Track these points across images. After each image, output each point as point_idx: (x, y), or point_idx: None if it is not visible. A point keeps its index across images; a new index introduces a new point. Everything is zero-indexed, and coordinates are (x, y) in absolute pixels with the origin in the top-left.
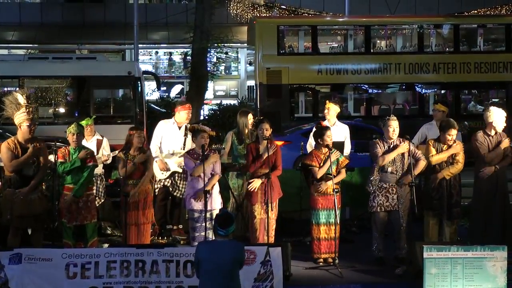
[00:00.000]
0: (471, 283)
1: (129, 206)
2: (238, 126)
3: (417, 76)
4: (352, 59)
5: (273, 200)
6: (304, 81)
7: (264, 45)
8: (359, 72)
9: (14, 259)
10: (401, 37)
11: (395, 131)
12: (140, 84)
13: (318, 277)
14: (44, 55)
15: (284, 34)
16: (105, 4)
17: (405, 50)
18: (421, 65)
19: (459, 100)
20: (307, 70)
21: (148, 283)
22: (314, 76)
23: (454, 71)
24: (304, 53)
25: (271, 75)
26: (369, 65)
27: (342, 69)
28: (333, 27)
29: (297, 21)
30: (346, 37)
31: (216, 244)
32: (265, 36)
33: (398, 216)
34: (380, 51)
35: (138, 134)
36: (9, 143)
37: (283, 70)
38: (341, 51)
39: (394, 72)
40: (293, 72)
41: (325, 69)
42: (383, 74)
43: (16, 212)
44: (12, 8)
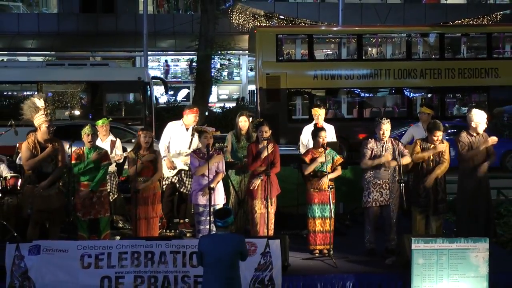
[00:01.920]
0: (455, 272)
1: (139, 201)
2: (235, 126)
3: (405, 81)
4: (345, 65)
5: (272, 196)
6: (301, 86)
7: (264, 53)
8: (352, 77)
9: (33, 250)
10: (390, 45)
11: (386, 133)
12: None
13: (314, 267)
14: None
15: (283, 42)
16: (117, 15)
17: (394, 57)
18: (409, 71)
19: (444, 103)
20: (304, 75)
21: (156, 273)
22: (310, 81)
23: (439, 77)
24: (301, 60)
25: (271, 80)
26: (361, 71)
27: (336, 74)
28: (327, 36)
29: (294, 30)
30: (340, 45)
31: (217, 237)
32: (265, 44)
33: (390, 210)
34: (371, 58)
35: (145, 134)
36: (29, 143)
37: (281, 75)
38: (335, 58)
39: (384, 77)
40: (291, 77)
41: (321, 75)
42: (374, 79)
43: (35, 207)
44: (31, 19)
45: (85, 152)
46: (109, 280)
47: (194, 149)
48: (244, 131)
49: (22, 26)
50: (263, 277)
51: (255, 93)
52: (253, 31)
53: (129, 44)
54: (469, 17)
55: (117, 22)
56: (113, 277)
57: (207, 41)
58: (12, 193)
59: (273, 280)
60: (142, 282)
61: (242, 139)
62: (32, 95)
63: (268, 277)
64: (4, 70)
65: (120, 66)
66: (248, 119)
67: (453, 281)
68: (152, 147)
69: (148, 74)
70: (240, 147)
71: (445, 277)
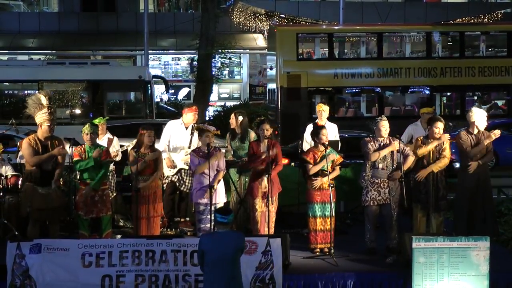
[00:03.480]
0: (456, 271)
1: (140, 200)
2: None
3: (426, 80)
4: (365, 63)
5: (273, 195)
6: (321, 85)
7: (284, 52)
8: (372, 76)
9: (34, 249)
10: (410, 43)
11: (386, 130)
12: (150, 87)
13: (315, 265)
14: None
15: (303, 41)
16: (118, 14)
17: (415, 56)
18: (429, 69)
19: (464, 101)
20: (324, 74)
21: (157, 271)
22: (330, 79)
23: (460, 75)
24: (321, 59)
25: (291, 79)
26: (381, 69)
27: (356, 73)
28: (348, 35)
29: (314, 29)
30: (359, 43)
31: (218, 235)
32: (285, 43)
33: (390, 209)
34: (391, 56)
35: (148, 134)
36: (30, 140)
37: (302, 74)
38: (355, 56)
39: (404, 76)
40: (311, 76)
41: (341, 73)
42: (394, 77)
43: (35, 205)
44: (32, 18)
45: (86, 150)
46: (110, 279)
47: (194, 148)
48: (238, 130)
49: (23, 25)
50: (264, 275)
51: (275, 92)
52: (273, 30)
53: (130, 43)
54: (470, 15)
55: (118, 21)
56: (114, 276)
57: (208, 39)
58: (12, 192)
59: (274, 278)
60: (143, 281)
61: (237, 138)
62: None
63: (269, 275)
64: (5, 68)
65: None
66: (237, 118)
67: (454, 279)
68: (153, 146)
69: (149, 72)
70: (235, 146)
71: (446, 276)
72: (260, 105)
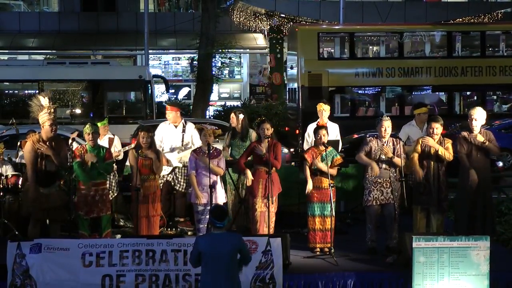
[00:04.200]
0: (456, 270)
1: (140, 200)
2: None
3: (446, 79)
4: (386, 63)
5: (273, 195)
6: (342, 84)
7: (306, 51)
8: (393, 75)
9: (34, 249)
10: (431, 43)
11: (387, 130)
12: (150, 87)
13: (315, 265)
14: (62, 61)
15: (324, 41)
16: (118, 13)
17: (435, 55)
18: (450, 69)
19: (485, 101)
20: (345, 73)
21: (158, 271)
22: (351, 79)
23: (480, 74)
24: (342, 58)
25: (312, 78)
26: (402, 68)
27: (377, 72)
28: (369, 34)
29: (335, 29)
30: (381, 42)
31: (215, 237)
32: (307, 42)
33: (392, 209)
34: (412, 55)
35: (143, 135)
36: (34, 142)
37: (323, 73)
38: (376, 55)
39: (425, 75)
40: (332, 75)
41: (362, 73)
42: (415, 77)
43: (36, 205)
44: (33, 17)
45: (88, 150)
46: (110, 278)
47: (195, 148)
48: (238, 129)
49: (23, 24)
50: (264, 275)
51: (296, 91)
52: (294, 29)
53: (130, 42)
54: (470, 15)
55: (118, 21)
56: (114, 275)
57: (208, 39)
58: (13, 192)
59: (274, 278)
60: (143, 281)
61: (238, 137)
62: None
63: (269, 275)
64: (5, 68)
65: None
66: (237, 116)
67: (454, 279)
68: (153, 146)
69: (149, 72)
70: (236, 146)
71: (446, 275)
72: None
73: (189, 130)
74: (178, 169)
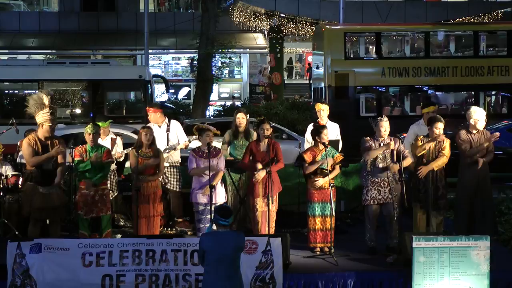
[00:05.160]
0: (456, 270)
1: (140, 200)
2: (233, 123)
3: (472, 78)
4: (412, 62)
5: (273, 194)
6: (369, 83)
7: (332, 51)
8: (419, 75)
9: (34, 249)
10: (457, 42)
11: (386, 131)
12: (150, 86)
13: (315, 265)
14: (62, 60)
15: (351, 40)
16: (118, 13)
17: (461, 54)
18: (476, 68)
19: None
20: (371, 73)
21: (158, 271)
22: (378, 78)
23: (507, 74)
24: (368, 58)
25: (339, 78)
26: (428, 68)
27: (404, 71)
28: (395, 33)
29: (362, 28)
30: (407, 42)
31: (219, 235)
32: (333, 42)
33: (391, 208)
34: (439, 55)
35: (145, 132)
36: (30, 140)
37: (350, 73)
38: (403, 55)
39: (452, 75)
40: (359, 75)
41: (388, 72)
42: (441, 76)
43: (36, 205)
44: (33, 17)
45: (88, 150)
46: (110, 278)
47: (194, 148)
48: (242, 128)
49: (23, 24)
50: (264, 275)
51: (322, 91)
52: (320, 29)
53: (130, 42)
54: (470, 15)
55: (118, 21)
56: (114, 275)
57: (208, 39)
58: (13, 192)
59: (274, 278)
60: (143, 281)
61: (240, 136)
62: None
63: (269, 275)
64: (5, 68)
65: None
66: (246, 116)
67: (454, 279)
68: (154, 145)
69: (149, 72)
70: (239, 145)
71: (446, 275)
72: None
73: (174, 128)
74: (167, 168)
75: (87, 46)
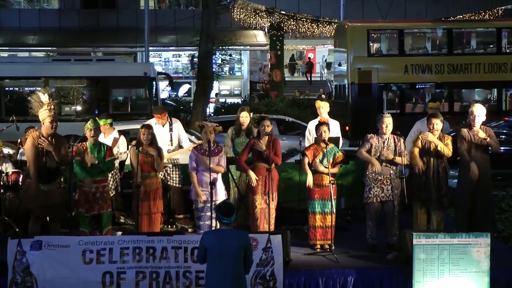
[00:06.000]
0: (456, 267)
1: (141, 197)
2: (236, 121)
3: (496, 75)
4: (435, 59)
5: (273, 191)
6: (392, 80)
7: (355, 48)
8: (442, 72)
9: (34, 246)
10: (480, 39)
11: (388, 127)
12: (155, 84)
13: (315, 262)
14: (67, 58)
15: (374, 37)
16: (118, 10)
17: (485, 51)
18: (499, 65)
19: None
20: (394, 70)
21: (158, 268)
22: (401, 75)
23: None
24: (392, 55)
25: (362, 75)
26: (451, 65)
27: (427, 68)
28: (418, 30)
29: (385, 25)
30: (430, 39)
31: (221, 233)
32: (356, 39)
33: (392, 206)
34: (462, 52)
35: (143, 132)
36: (34, 139)
37: (372, 70)
38: (426, 52)
39: (475, 71)
40: (382, 72)
41: (411, 69)
42: (464, 73)
43: (36, 202)
44: (33, 14)
45: (89, 147)
46: (111, 275)
47: (196, 145)
48: (245, 126)
49: (24, 22)
50: (265, 272)
51: (345, 88)
52: (343, 26)
53: (131, 39)
54: (471, 12)
55: (118, 18)
56: (115, 272)
57: (208, 36)
58: (13, 189)
59: (274, 275)
60: (144, 278)
61: (242, 134)
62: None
63: (269, 272)
64: (10, 65)
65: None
66: (249, 115)
67: (454, 276)
68: (154, 143)
69: (154, 69)
70: (239, 143)
71: (447, 272)
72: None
73: (176, 128)
74: (169, 167)
75: (87, 43)
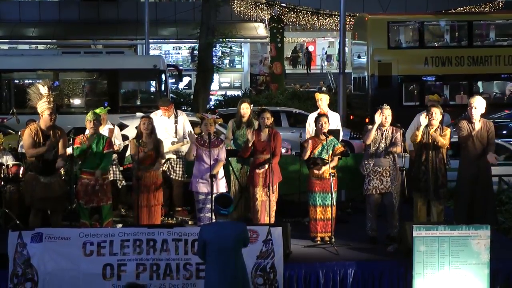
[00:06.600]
0: (456, 259)
1: (141, 189)
2: (237, 113)
3: None
4: (455, 51)
5: (273, 184)
6: (411, 72)
7: (375, 40)
8: (462, 64)
9: (35, 238)
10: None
11: (387, 118)
12: (164, 76)
13: (316, 254)
14: (76, 50)
15: (394, 29)
16: (118, 3)
17: (505, 44)
18: None
19: None
20: (414, 62)
21: (158, 260)
22: (421, 67)
23: None
24: (412, 47)
25: (382, 67)
26: (471, 57)
27: (447, 61)
28: (439, 23)
29: (405, 18)
30: (450, 31)
31: (219, 225)
32: (376, 31)
33: (392, 198)
34: (482, 44)
35: (143, 121)
36: (31, 130)
37: (393, 62)
38: (446, 44)
39: (495, 64)
40: (402, 64)
41: (431, 61)
42: (484, 65)
43: (37, 195)
44: (33, 7)
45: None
46: (111, 267)
47: (196, 137)
48: (246, 118)
49: (24, 14)
50: (265, 264)
51: (364, 80)
52: (363, 19)
53: (131, 32)
54: (471, 4)
55: (118, 10)
56: (115, 264)
57: (208, 29)
58: (14, 181)
59: (274, 267)
60: (144, 270)
61: (242, 126)
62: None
63: (270, 264)
64: (20, 58)
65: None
66: (250, 107)
67: (454, 268)
68: (154, 135)
69: (164, 62)
70: (240, 135)
71: (447, 264)
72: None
73: (181, 121)
74: (173, 159)
75: (88, 35)
